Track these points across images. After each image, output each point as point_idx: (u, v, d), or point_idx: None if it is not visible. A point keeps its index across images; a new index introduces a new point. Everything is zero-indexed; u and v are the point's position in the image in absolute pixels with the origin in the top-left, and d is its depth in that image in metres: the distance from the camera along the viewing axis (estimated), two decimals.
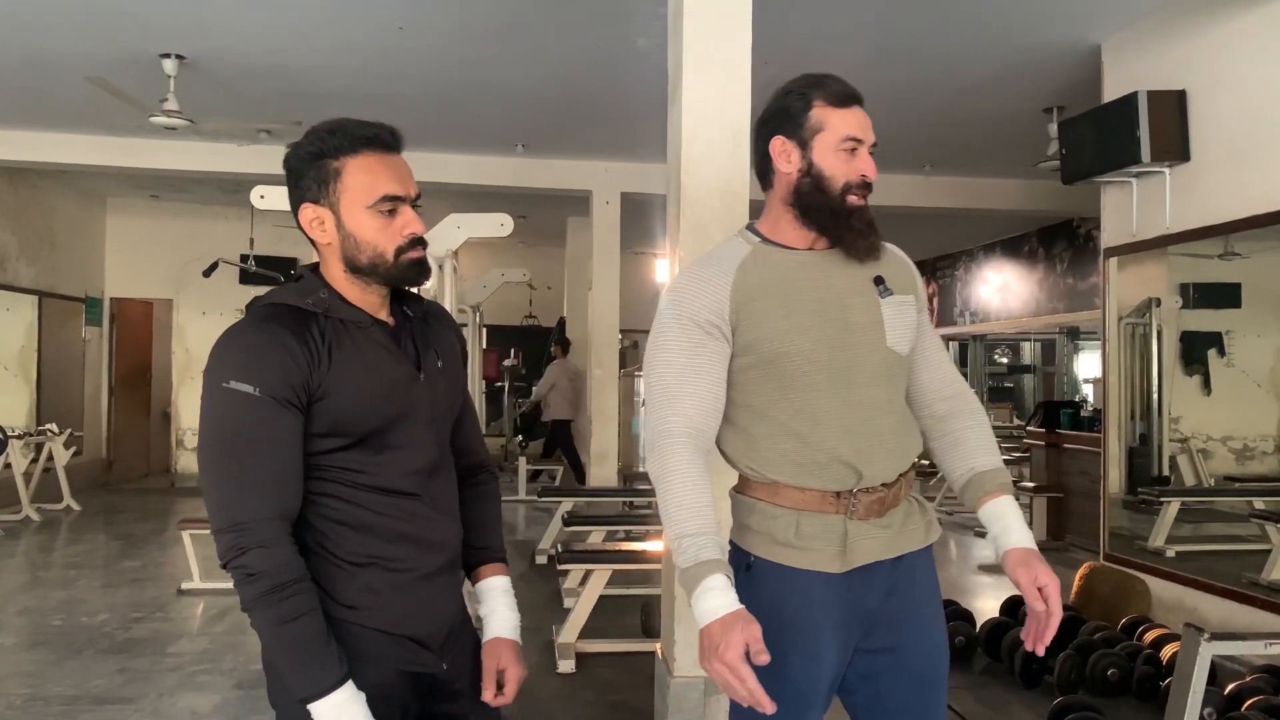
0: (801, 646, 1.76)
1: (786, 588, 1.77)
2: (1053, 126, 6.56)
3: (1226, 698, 3.55)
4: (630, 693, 4.12)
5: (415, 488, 1.60)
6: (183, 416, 11.70)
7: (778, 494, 1.77)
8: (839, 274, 1.79)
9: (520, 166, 8.54)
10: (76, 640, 4.90)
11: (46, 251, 10.17)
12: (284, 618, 1.45)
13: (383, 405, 1.56)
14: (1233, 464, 5.49)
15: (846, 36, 5.51)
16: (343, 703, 1.46)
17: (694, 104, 3.42)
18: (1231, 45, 4.62)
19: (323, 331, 1.53)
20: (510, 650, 1.74)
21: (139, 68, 5.99)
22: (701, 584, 1.60)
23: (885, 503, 1.78)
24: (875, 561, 1.78)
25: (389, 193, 1.56)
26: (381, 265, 1.58)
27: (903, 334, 1.81)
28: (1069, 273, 10.37)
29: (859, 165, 1.76)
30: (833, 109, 1.76)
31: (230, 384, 1.47)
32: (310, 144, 1.57)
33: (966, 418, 1.90)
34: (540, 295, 13.22)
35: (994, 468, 1.85)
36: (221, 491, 1.48)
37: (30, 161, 8.25)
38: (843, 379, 1.75)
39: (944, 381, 1.92)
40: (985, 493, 1.82)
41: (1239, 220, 4.54)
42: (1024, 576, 1.75)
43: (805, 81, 1.80)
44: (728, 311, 1.75)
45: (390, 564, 1.57)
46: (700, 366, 1.75)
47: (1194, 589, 4.80)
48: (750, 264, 1.78)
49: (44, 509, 8.96)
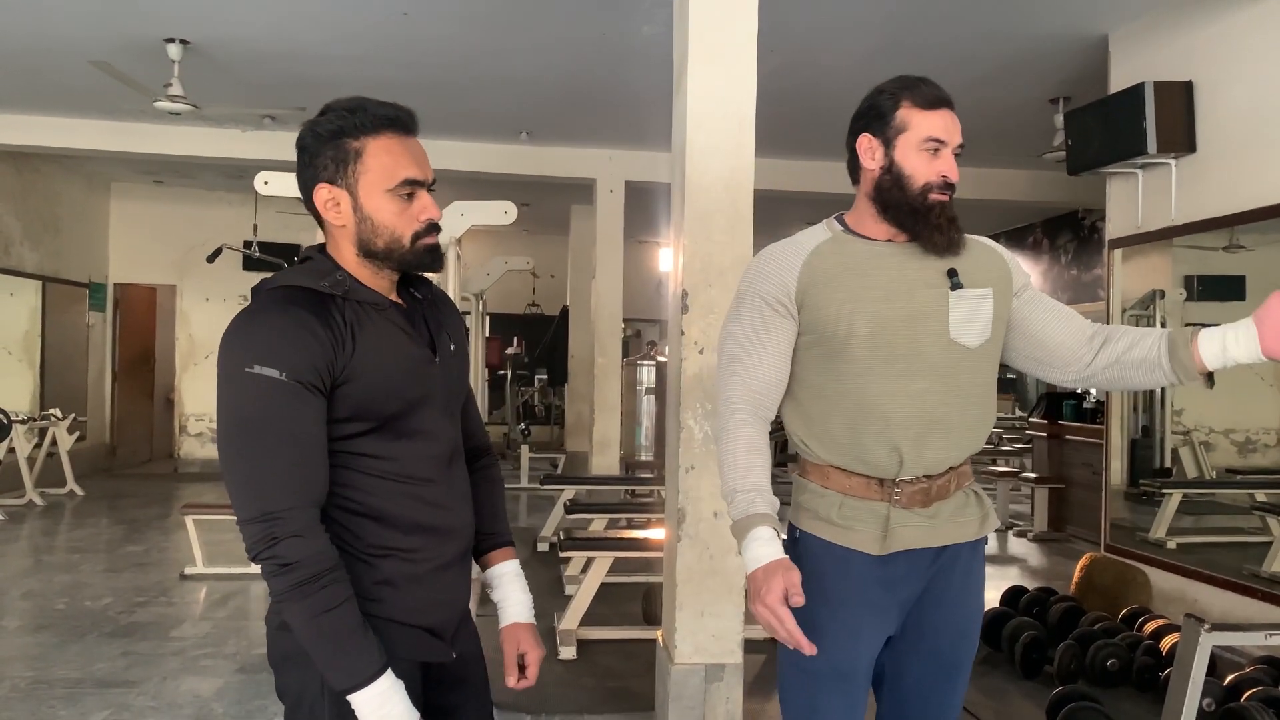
0: (839, 621, 1.81)
1: (828, 563, 1.83)
2: (1059, 117, 6.54)
3: (1225, 688, 3.55)
4: (631, 679, 4.13)
5: (433, 474, 1.58)
6: (186, 402, 11.71)
7: (827, 478, 1.85)
8: (913, 265, 1.82)
9: (524, 154, 8.53)
10: (80, 624, 4.92)
11: (50, 236, 10.17)
12: (321, 608, 1.41)
13: (404, 389, 1.53)
14: (1235, 456, 5.49)
15: (852, 26, 5.49)
16: (384, 691, 1.43)
17: (699, 93, 3.40)
18: (1239, 37, 4.60)
19: (343, 314, 1.49)
20: (529, 633, 1.75)
21: (143, 52, 5.98)
22: (750, 534, 1.70)
23: (930, 494, 1.81)
24: (918, 549, 1.82)
25: (409, 176, 1.54)
26: (397, 250, 1.55)
27: (972, 326, 1.81)
28: (1074, 264, 10.36)
29: (940, 165, 1.80)
30: (919, 110, 1.80)
31: (254, 368, 1.41)
32: (330, 122, 1.52)
33: (1119, 332, 1.88)
34: (543, 283, 13.20)
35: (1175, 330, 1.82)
36: (249, 481, 1.43)
37: (35, 146, 8.25)
38: (899, 367, 1.78)
39: (1080, 326, 1.91)
40: (1187, 339, 1.77)
41: (1245, 212, 4.53)
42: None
43: (898, 83, 1.85)
44: (794, 291, 1.82)
45: (408, 555, 1.55)
46: (766, 340, 1.83)
47: (1195, 580, 4.81)
48: (827, 249, 1.84)
49: (47, 493, 8.99)
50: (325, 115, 1.55)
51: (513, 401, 13.01)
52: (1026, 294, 1.91)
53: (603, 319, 9.14)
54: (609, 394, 9.07)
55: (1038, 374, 1.99)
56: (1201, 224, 4.80)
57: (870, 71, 1.92)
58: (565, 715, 3.75)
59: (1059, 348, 1.90)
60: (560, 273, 12.86)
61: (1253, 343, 1.71)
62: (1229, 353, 1.74)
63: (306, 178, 1.56)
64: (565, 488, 7.00)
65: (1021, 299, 1.91)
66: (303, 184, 1.57)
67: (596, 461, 8.97)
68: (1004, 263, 1.90)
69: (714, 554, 3.39)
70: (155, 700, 3.87)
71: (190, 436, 11.70)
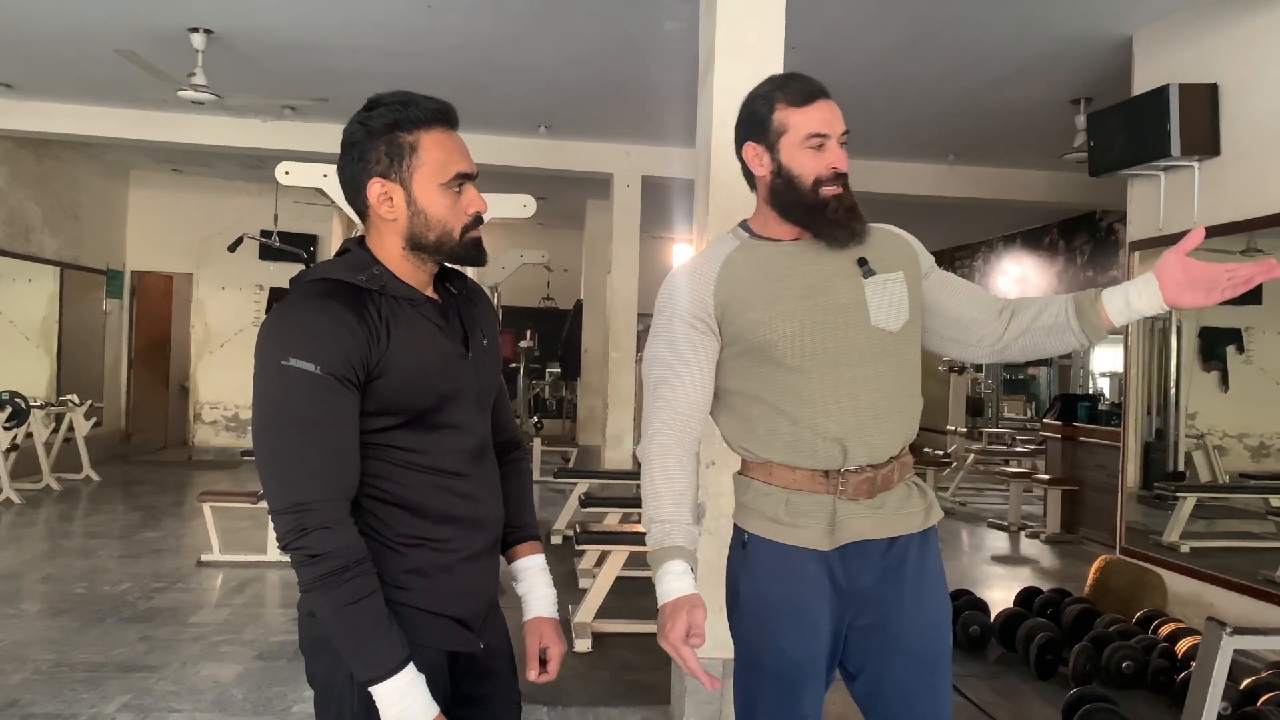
0: (795, 621, 1.82)
1: (779, 565, 1.84)
2: (1080, 118, 6.52)
3: (1242, 692, 3.55)
4: (646, 673, 4.15)
5: (464, 467, 1.59)
6: (201, 390, 11.78)
7: (771, 473, 1.85)
8: (825, 260, 1.83)
9: (543, 148, 8.54)
10: (99, 608, 4.97)
11: (70, 223, 10.24)
12: (347, 600, 1.43)
13: (436, 383, 1.55)
14: (1248, 461, 5.48)
15: (874, 24, 5.48)
16: (405, 684, 1.45)
17: (725, 88, 3.41)
18: (1265, 40, 4.58)
19: (379, 309, 1.50)
20: (552, 628, 1.76)
21: (167, 41, 6.01)
22: (662, 567, 1.74)
23: (875, 484, 1.82)
24: (867, 540, 1.82)
25: (461, 170, 1.55)
26: (447, 243, 1.56)
27: (890, 311, 1.83)
28: (1089, 265, 10.32)
29: (827, 159, 1.80)
30: (794, 109, 1.80)
31: (290, 361, 1.43)
32: (383, 116, 1.53)
33: (1026, 302, 1.90)
34: (557, 277, 13.22)
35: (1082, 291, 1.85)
36: (282, 471, 1.45)
37: (57, 133, 8.29)
38: (830, 360, 1.80)
39: (990, 300, 1.93)
40: (1093, 299, 1.80)
41: (1269, 216, 4.51)
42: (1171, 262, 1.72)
43: (769, 84, 1.86)
44: (713, 305, 1.83)
45: (438, 545, 1.56)
46: (686, 362, 1.84)
47: (1211, 584, 4.80)
48: (738, 258, 1.85)
49: (64, 478, 9.06)
50: (375, 110, 1.55)
51: (525, 395, 13.03)
52: (934, 275, 1.93)
53: (618, 314, 9.15)
54: (623, 388, 9.09)
55: (954, 354, 2.01)
56: (1224, 227, 4.77)
57: (891, 71, 1.95)
58: (581, 708, 3.77)
59: (972, 324, 1.91)
60: (574, 267, 12.87)
61: (1154, 294, 1.75)
62: (1133, 306, 1.78)
63: (357, 172, 1.56)
64: (579, 481, 7.02)
65: (930, 280, 1.92)
66: (351, 178, 1.57)
67: (609, 455, 8.98)
68: (910, 246, 1.92)
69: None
70: (176, 685, 3.90)
71: (205, 424, 11.77)
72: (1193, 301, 1.72)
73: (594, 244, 11.48)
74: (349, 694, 1.51)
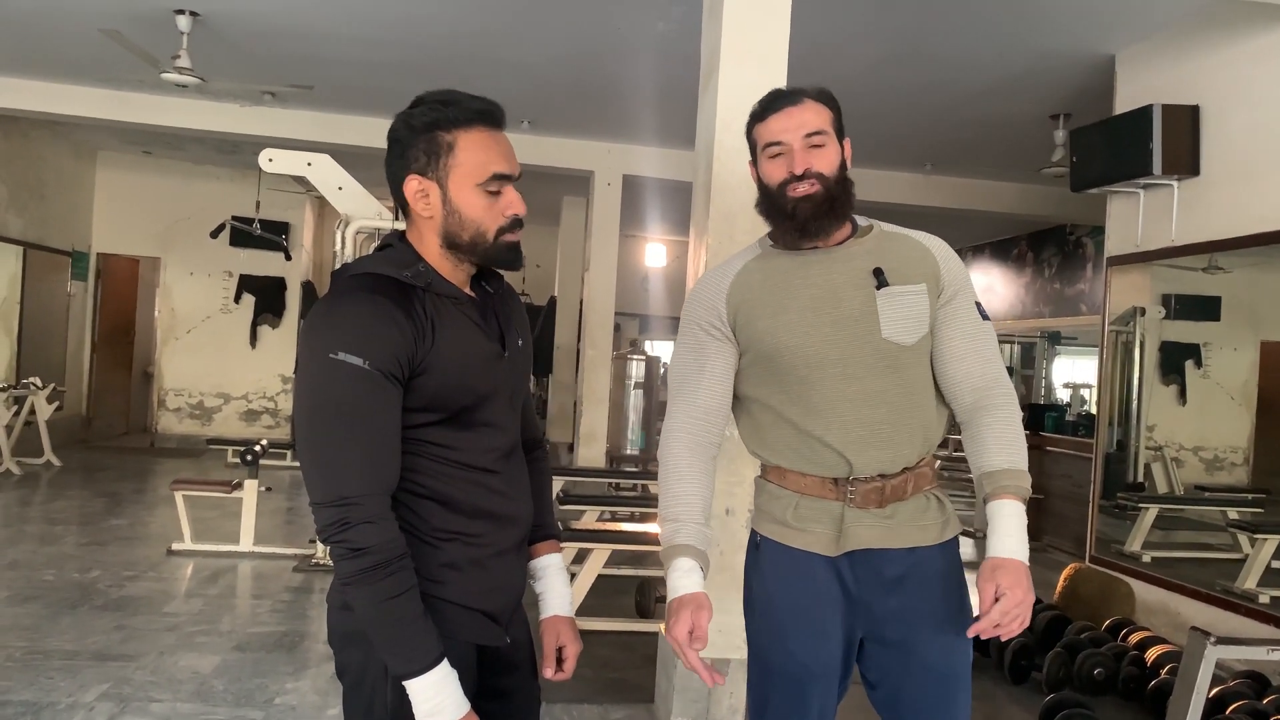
0: (803, 624, 1.85)
1: (789, 568, 1.87)
2: (1059, 133, 6.63)
3: (1210, 701, 3.64)
4: (628, 670, 4.17)
5: (496, 465, 1.60)
6: (165, 377, 11.58)
7: (784, 477, 1.89)
8: (839, 269, 1.84)
9: (524, 143, 8.50)
10: (70, 596, 4.88)
11: (35, 203, 10.02)
12: (387, 595, 1.44)
13: (475, 383, 1.56)
14: (1202, 473, 5.61)
15: (862, 35, 5.53)
16: (439, 680, 1.46)
17: (729, 93, 3.44)
18: (1246, 63, 4.69)
19: (424, 306, 1.51)
20: (569, 627, 1.78)
21: (152, 23, 5.91)
22: (672, 564, 1.78)
23: (885, 494, 1.82)
24: (877, 549, 1.84)
25: (499, 171, 1.56)
26: (481, 245, 1.57)
27: (903, 324, 1.81)
28: (1057, 278, 10.50)
29: (787, 164, 1.81)
30: (758, 124, 1.85)
31: (338, 355, 1.43)
32: (424, 114, 1.54)
33: (989, 413, 1.83)
34: (530, 273, 13.18)
35: (1001, 469, 1.79)
36: (325, 465, 1.45)
37: (29, 111, 8.10)
38: (835, 371, 1.81)
39: (969, 373, 1.84)
40: (987, 495, 1.80)
41: (1244, 237, 4.63)
42: (985, 588, 1.73)
43: (756, 104, 1.90)
44: (725, 313, 1.88)
45: (471, 539, 1.57)
46: (704, 367, 1.89)
47: (1178, 594, 4.91)
48: (753, 267, 1.90)
49: (24, 463, 8.88)
50: (418, 107, 1.56)
51: None
52: (951, 306, 1.86)
53: (594, 311, 9.16)
54: (598, 386, 9.09)
55: None
56: (1201, 246, 4.89)
57: (875, 81, 1.99)
58: (565, 704, 3.78)
59: (942, 379, 1.87)
60: (548, 263, 12.84)
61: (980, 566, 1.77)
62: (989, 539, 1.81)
63: (397, 168, 1.57)
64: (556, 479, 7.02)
65: (946, 309, 1.85)
66: (392, 174, 1.58)
67: (582, 453, 8.99)
68: (935, 261, 1.87)
69: (723, 550, 3.42)
70: (155, 675, 3.85)
71: (169, 411, 11.57)
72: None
73: (569, 241, 11.49)
74: (381, 687, 1.52)
